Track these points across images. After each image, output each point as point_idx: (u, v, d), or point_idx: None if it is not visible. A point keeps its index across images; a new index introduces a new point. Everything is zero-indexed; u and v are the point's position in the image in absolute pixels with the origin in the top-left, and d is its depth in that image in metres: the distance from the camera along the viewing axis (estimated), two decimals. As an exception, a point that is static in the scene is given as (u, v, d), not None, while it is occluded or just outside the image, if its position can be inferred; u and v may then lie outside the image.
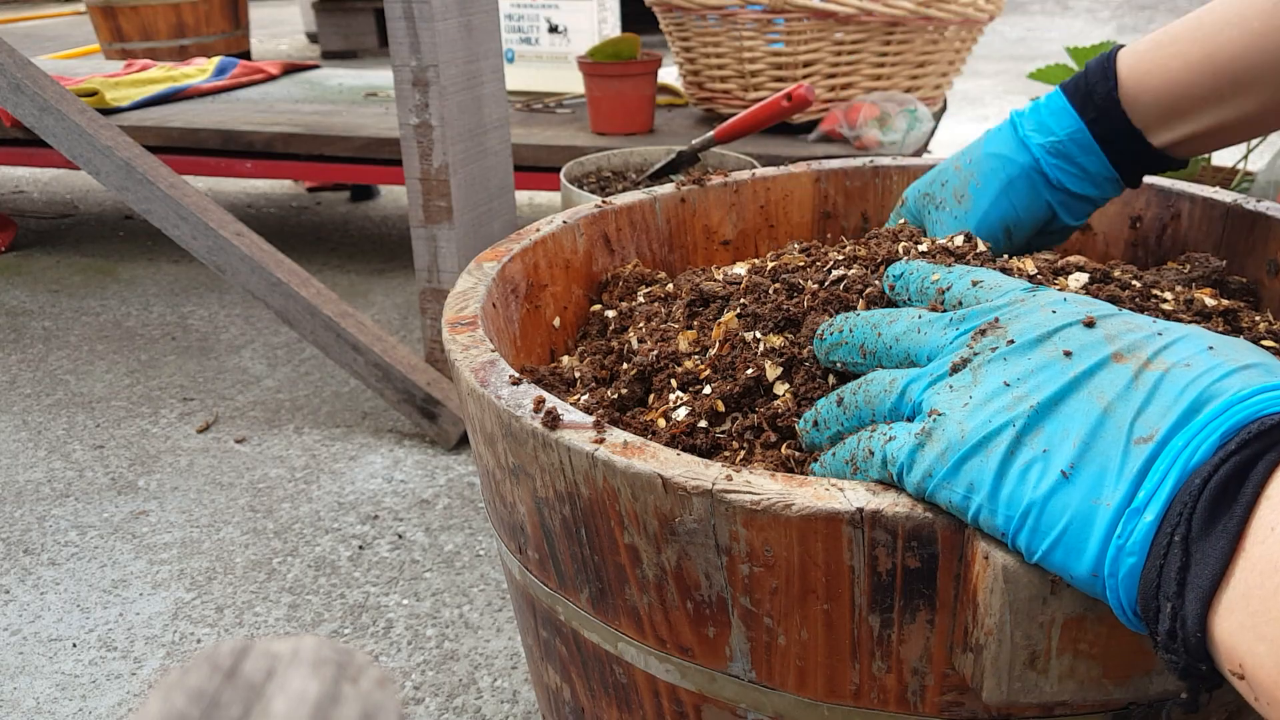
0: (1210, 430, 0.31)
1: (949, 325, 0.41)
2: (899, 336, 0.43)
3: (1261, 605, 0.28)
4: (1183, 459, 0.31)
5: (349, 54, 4.60)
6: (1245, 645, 0.29)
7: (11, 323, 1.81)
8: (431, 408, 1.33)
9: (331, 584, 1.08)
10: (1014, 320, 0.39)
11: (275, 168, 1.87)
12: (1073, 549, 0.32)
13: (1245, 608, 0.29)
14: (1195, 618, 0.30)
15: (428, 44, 1.19)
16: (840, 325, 0.47)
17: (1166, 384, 0.33)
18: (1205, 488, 0.30)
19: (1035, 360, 0.36)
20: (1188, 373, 0.33)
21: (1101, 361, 0.35)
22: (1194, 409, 0.32)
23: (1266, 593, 0.28)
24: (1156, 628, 0.31)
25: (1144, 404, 0.33)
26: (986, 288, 0.42)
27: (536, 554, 0.48)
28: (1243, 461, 0.30)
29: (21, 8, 6.94)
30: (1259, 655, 0.28)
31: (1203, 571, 0.30)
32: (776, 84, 1.59)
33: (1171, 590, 0.30)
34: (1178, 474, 0.31)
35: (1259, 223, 0.64)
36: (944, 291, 0.44)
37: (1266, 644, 0.28)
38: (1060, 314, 0.38)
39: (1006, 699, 0.36)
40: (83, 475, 1.31)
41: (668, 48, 1.76)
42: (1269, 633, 0.28)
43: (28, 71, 1.32)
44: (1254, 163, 1.65)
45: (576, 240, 0.68)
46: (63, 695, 0.94)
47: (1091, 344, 0.36)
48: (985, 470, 0.34)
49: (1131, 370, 0.34)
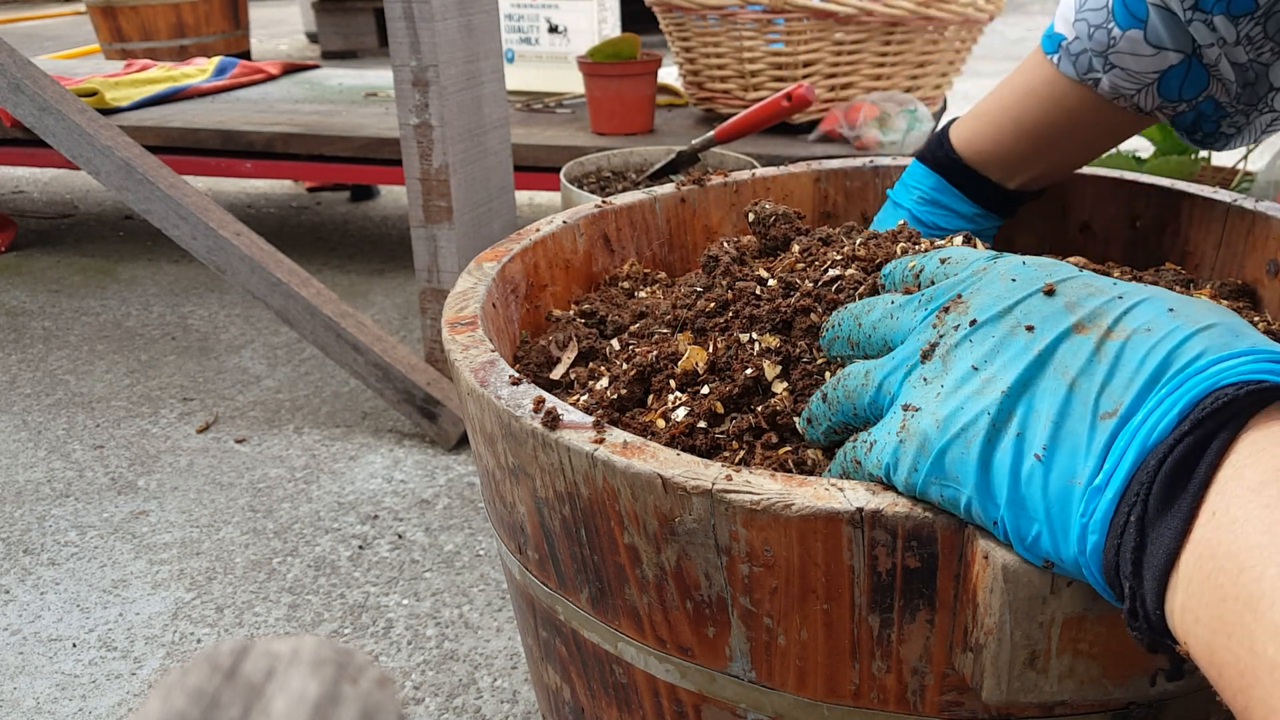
0: (1168, 405, 0.31)
1: (919, 306, 0.41)
2: (876, 324, 0.43)
3: (1199, 589, 0.29)
4: (1140, 435, 0.31)
5: (349, 54, 4.60)
6: (1186, 626, 0.29)
7: (11, 323, 1.81)
8: (431, 408, 1.33)
9: (331, 584, 1.08)
10: (975, 294, 0.39)
11: (275, 168, 1.87)
12: (1058, 532, 0.33)
13: (1186, 589, 0.29)
14: (1154, 596, 0.30)
15: (428, 44, 1.19)
16: (833, 320, 0.48)
17: (1128, 353, 0.33)
18: (1160, 468, 0.30)
19: (998, 337, 0.36)
20: (1148, 338, 0.33)
21: (1063, 334, 0.35)
22: (1153, 379, 0.32)
23: (1203, 576, 0.29)
24: (1122, 602, 0.31)
25: (1107, 377, 0.33)
26: (953, 263, 0.43)
27: (536, 554, 0.48)
28: (1197, 441, 0.30)
29: (21, 8, 6.94)
30: (1196, 636, 0.29)
31: (1156, 553, 0.30)
32: (776, 84, 1.59)
33: (1128, 570, 0.30)
34: (1135, 452, 0.31)
35: (1259, 223, 0.64)
36: (918, 274, 0.45)
37: (1201, 626, 0.28)
38: (1020, 281, 0.38)
39: (1006, 699, 0.36)
40: (83, 475, 1.31)
41: (668, 48, 1.76)
42: (1203, 615, 0.28)
43: (28, 71, 1.32)
44: (1254, 163, 1.65)
45: (576, 240, 0.68)
46: (63, 695, 0.94)
47: (1052, 315, 0.36)
48: (967, 461, 0.34)
49: (1093, 341, 0.34)
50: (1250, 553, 0.28)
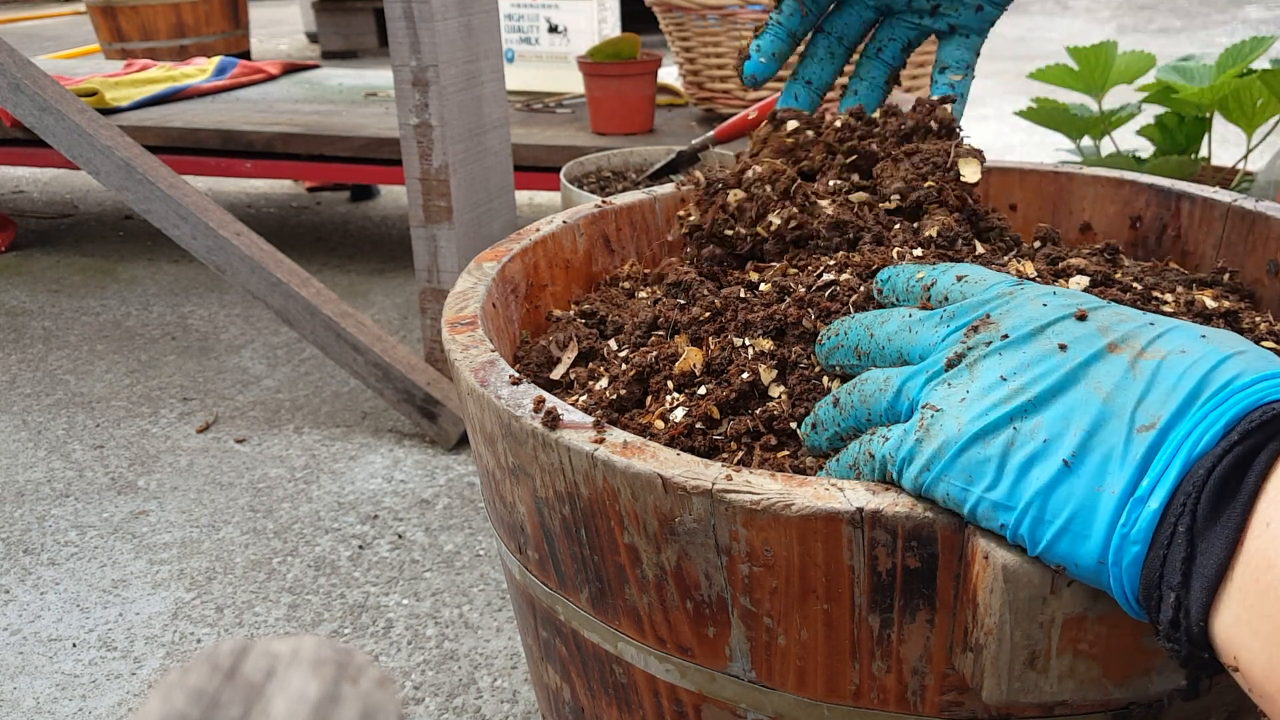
0: (1214, 418, 0.31)
1: (940, 323, 0.41)
2: (891, 336, 0.43)
3: (1256, 600, 0.28)
4: (1186, 447, 0.31)
5: (349, 54, 4.60)
6: (1240, 639, 0.29)
7: (11, 323, 1.81)
8: (431, 408, 1.33)
9: (331, 584, 1.08)
10: (1006, 315, 0.39)
11: (275, 168, 1.87)
12: (1079, 537, 0.32)
13: (1241, 602, 0.29)
14: (1199, 607, 0.30)
15: (428, 44, 1.19)
16: (836, 329, 0.47)
17: (1164, 371, 0.33)
18: (1209, 478, 0.30)
19: (1031, 353, 0.36)
20: (1184, 359, 0.33)
21: (1097, 353, 0.35)
22: (1194, 395, 0.32)
23: (1261, 589, 0.28)
24: (1159, 616, 0.31)
25: (1144, 392, 0.33)
26: (971, 282, 0.43)
27: (536, 554, 0.48)
28: (1245, 452, 0.30)
29: (21, 8, 6.94)
30: (1252, 650, 0.28)
31: (1207, 562, 0.30)
32: (776, 84, 1.59)
33: (1175, 580, 0.30)
34: (1182, 462, 0.31)
35: (1259, 223, 0.64)
36: (929, 288, 0.44)
37: (1260, 640, 0.28)
38: (1051, 307, 0.38)
39: (1006, 699, 0.36)
40: (83, 475, 1.31)
41: (668, 48, 1.76)
42: (1261, 628, 0.28)
43: (28, 71, 1.32)
44: (1254, 163, 1.65)
45: (576, 240, 0.68)
46: (63, 695, 0.94)
47: (1085, 336, 0.36)
48: (986, 462, 0.34)
49: (1127, 360, 0.34)
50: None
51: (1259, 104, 1.37)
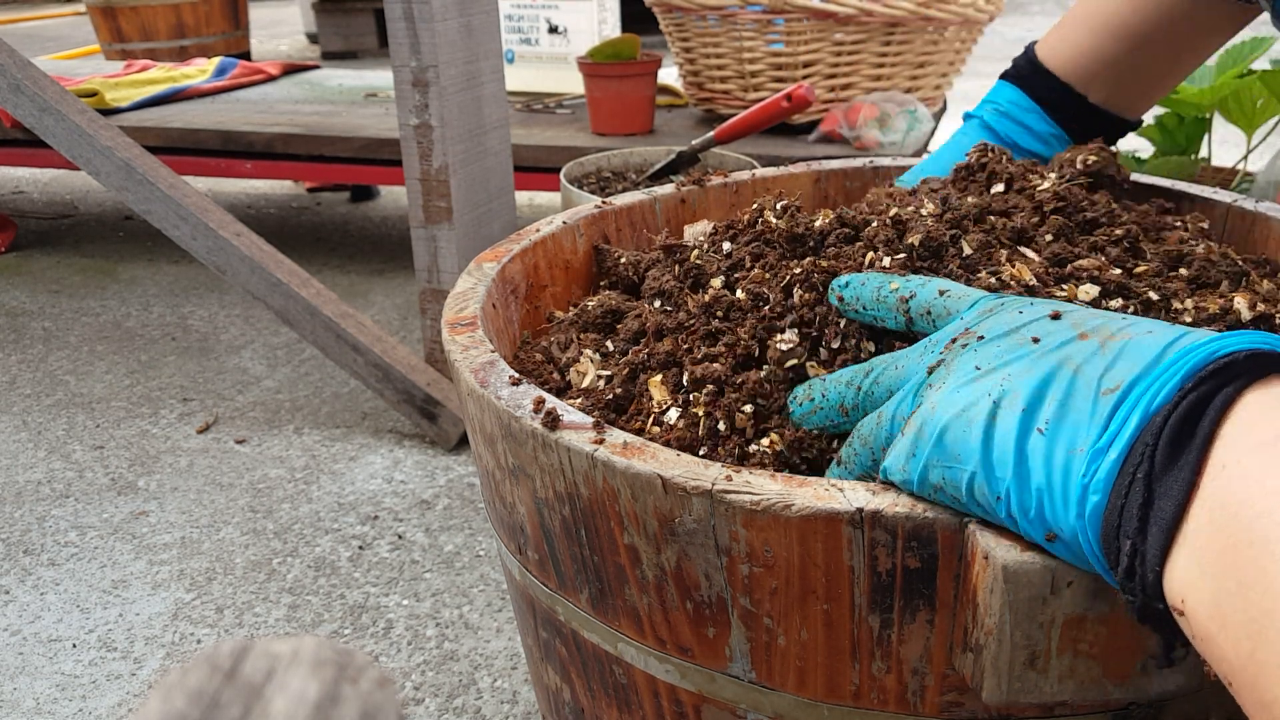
0: (1172, 373, 0.32)
1: (925, 351, 0.41)
2: (878, 379, 0.42)
3: (1207, 541, 0.29)
4: (1145, 400, 0.32)
5: (349, 54, 4.60)
6: (1189, 579, 0.29)
7: (11, 323, 1.81)
8: (431, 408, 1.33)
9: (331, 584, 1.08)
10: (984, 325, 0.40)
11: (275, 168, 1.87)
12: (1058, 501, 0.33)
13: (1194, 543, 0.29)
14: (1156, 553, 0.30)
15: (428, 44, 1.19)
16: (809, 394, 0.45)
17: (1132, 346, 0.34)
18: (1166, 424, 0.31)
19: (1005, 345, 0.37)
20: (1152, 337, 0.34)
21: (1069, 339, 0.36)
22: (1157, 359, 0.33)
23: (1214, 528, 0.29)
24: (1116, 566, 0.31)
25: (1112, 363, 0.34)
26: (954, 296, 0.43)
27: (536, 554, 0.48)
28: (1200, 397, 0.31)
29: (21, 8, 6.95)
30: (1199, 589, 0.29)
31: (1164, 506, 0.30)
32: (776, 84, 1.59)
33: (1133, 527, 0.30)
34: (1140, 414, 0.32)
35: (1259, 223, 0.64)
36: (907, 300, 0.44)
37: (1208, 577, 0.28)
38: (1027, 314, 0.39)
39: (1006, 699, 0.36)
40: (83, 475, 1.31)
41: (668, 48, 1.76)
42: (1211, 566, 0.28)
43: (28, 72, 1.32)
44: (1254, 163, 1.65)
45: (576, 241, 0.68)
46: (63, 695, 0.94)
47: (1058, 329, 0.37)
48: (970, 438, 0.35)
49: (1098, 341, 0.35)
50: (1267, 498, 0.28)
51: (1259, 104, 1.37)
